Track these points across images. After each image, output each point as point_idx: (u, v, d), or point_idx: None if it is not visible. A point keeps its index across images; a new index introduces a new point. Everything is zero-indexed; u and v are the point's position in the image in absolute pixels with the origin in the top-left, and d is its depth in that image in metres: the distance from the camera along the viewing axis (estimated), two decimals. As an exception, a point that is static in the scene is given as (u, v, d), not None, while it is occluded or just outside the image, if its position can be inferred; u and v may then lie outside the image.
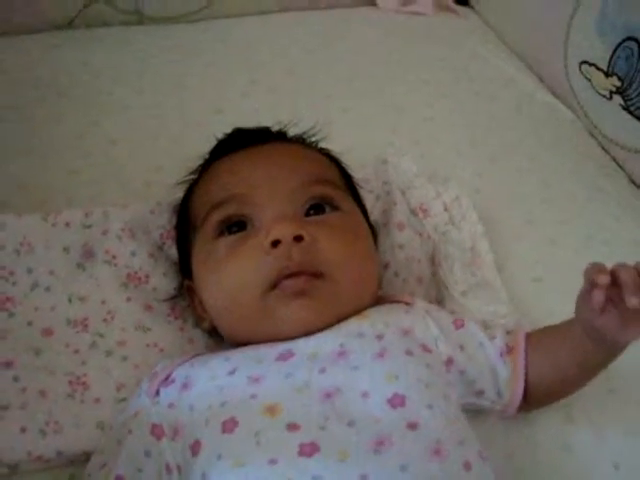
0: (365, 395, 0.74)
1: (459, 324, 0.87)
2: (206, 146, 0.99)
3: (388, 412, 0.73)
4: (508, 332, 0.89)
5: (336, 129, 1.02)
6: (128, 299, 0.92)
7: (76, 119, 1.18)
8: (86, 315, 0.90)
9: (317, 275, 0.81)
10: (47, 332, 0.88)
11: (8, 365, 0.84)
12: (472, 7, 1.71)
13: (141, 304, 0.92)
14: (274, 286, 0.81)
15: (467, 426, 0.78)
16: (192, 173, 0.98)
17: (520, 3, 1.56)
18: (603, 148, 1.32)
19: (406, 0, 1.63)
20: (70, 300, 0.91)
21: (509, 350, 0.86)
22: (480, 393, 0.85)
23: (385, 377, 0.76)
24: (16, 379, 0.83)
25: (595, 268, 0.75)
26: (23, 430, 0.80)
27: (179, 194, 0.98)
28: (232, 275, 0.83)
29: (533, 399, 0.86)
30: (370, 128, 1.25)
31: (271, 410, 0.73)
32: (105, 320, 0.90)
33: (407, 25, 1.60)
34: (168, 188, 1.00)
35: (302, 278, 0.80)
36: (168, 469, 0.75)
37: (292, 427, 0.71)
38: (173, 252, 0.97)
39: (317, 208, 0.87)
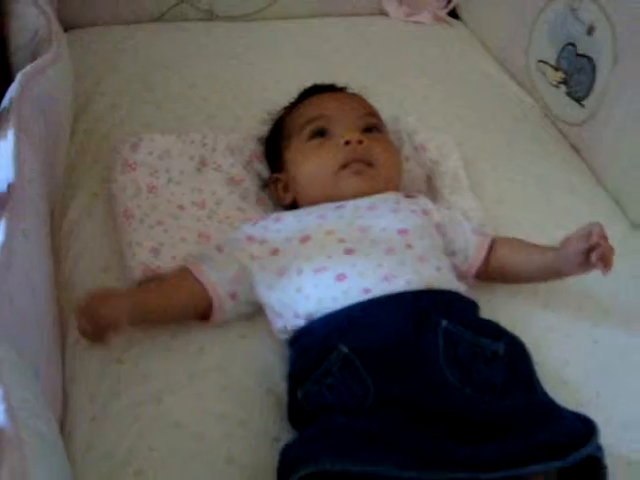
0: (383, 229, 1.18)
1: (446, 207, 1.31)
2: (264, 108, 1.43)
3: (396, 236, 1.16)
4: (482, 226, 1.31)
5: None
6: (231, 192, 1.35)
7: (179, 82, 1.62)
8: (203, 199, 1.33)
9: (370, 164, 1.26)
10: (180, 207, 1.30)
11: (160, 223, 1.26)
12: (461, 19, 2.05)
13: (239, 195, 1.35)
14: (343, 167, 1.25)
15: (445, 258, 1.19)
16: (270, 114, 1.42)
17: (496, 19, 1.91)
18: (553, 123, 1.68)
19: (410, 12, 2.01)
20: (193, 190, 1.34)
21: (480, 232, 1.27)
22: (453, 253, 1.23)
23: (397, 220, 1.20)
24: (165, 231, 1.25)
25: (600, 233, 1.09)
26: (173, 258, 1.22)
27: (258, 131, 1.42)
28: (319, 160, 1.27)
29: (490, 274, 1.24)
30: (383, 103, 1.54)
31: (330, 232, 1.17)
32: (217, 203, 1.33)
33: (411, 31, 1.97)
34: (252, 126, 1.45)
35: (361, 163, 1.26)
36: (252, 256, 1.17)
37: (341, 240, 1.16)
38: (257, 167, 1.40)
39: (369, 130, 1.31)
